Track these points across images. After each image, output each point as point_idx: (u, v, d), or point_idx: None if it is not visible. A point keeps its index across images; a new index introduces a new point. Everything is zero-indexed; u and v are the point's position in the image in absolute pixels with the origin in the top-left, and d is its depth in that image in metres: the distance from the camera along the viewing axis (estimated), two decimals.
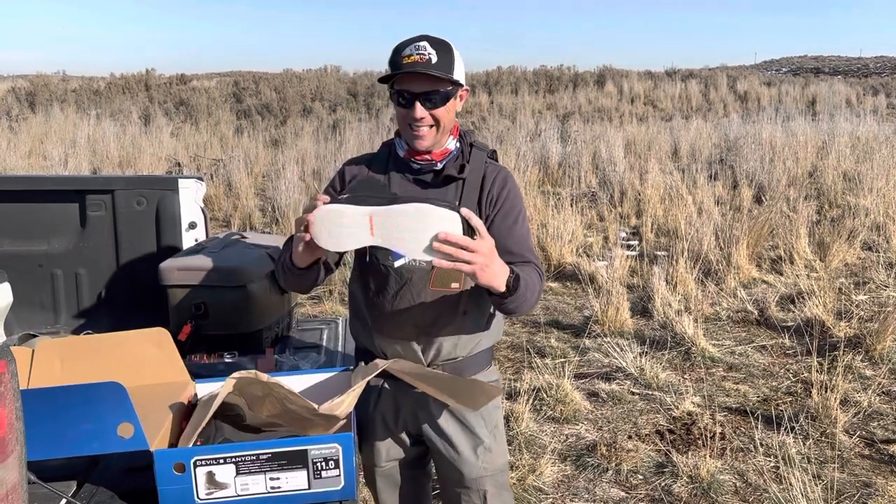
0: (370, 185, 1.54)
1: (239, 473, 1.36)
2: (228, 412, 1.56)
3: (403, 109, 1.63)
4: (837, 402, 3.44)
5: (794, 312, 4.82)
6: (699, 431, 3.29)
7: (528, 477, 2.95)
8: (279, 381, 1.44)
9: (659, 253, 6.24)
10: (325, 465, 1.38)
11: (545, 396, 3.63)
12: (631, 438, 3.31)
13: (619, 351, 4.09)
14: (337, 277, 5.35)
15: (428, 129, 1.64)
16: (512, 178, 1.75)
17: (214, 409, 1.42)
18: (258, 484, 1.37)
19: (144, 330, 1.71)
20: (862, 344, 4.21)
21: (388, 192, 1.53)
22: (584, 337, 4.52)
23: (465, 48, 1.66)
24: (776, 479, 2.91)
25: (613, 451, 3.14)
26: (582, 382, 3.90)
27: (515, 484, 2.91)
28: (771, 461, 3.08)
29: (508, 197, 1.71)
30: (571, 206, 6.79)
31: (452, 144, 1.72)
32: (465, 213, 1.38)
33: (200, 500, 1.36)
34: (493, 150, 1.79)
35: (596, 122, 15.34)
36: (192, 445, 1.40)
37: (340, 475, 1.39)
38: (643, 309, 4.99)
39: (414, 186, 1.70)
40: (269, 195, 8.47)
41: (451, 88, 1.63)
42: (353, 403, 1.49)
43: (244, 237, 2.60)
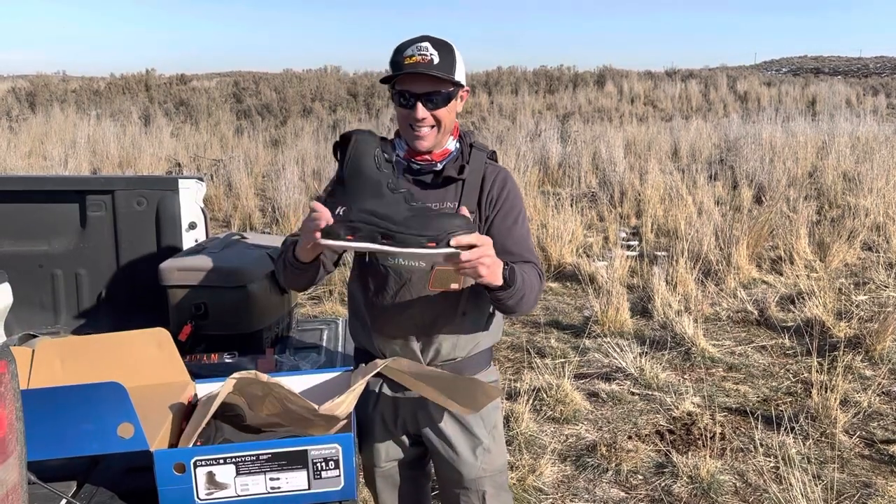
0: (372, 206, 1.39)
1: (239, 474, 1.36)
2: (228, 412, 1.56)
3: (405, 110, 1.63)
4: (837, 402, 3.44)
5: (794, 313, 4.82)
6: (699, 432, 3.29)
7: (528, 477, 2.95)
8: (279, 381, 1.45)
9: (659, 253, 6.24)
10: (325, 465, 1.38)
11: (545, 397, 3.63)
12: (631, 439, 3.31)
13: (619, 351, 4.09)
14: (337, 277, 5.35)
15: (429, 129, 1.64)
16: (512, 178, 1.75)
17: (214, 409, 1.42)
18: (258, 484, 1.37)
19: (144, 330, 1.71)
20: (862, 344, 4.21)
21: (392, 209, 1.38)
22: (584, 337, 4.52)
23: (465, 48, 1.67)
24: (776, 479, 2.91)
25: (613, 451, 3.14)
26: (582, 383, 3.90)
27: (515, 484, 2.91)
28: (771, 461, 3.08)
29: (508, 197, 1.71)
30: (571, 206, 6.79)
31: (452, 145, 1.72)
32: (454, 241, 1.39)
33: (200, 500, 1.36)
34: (492, 150, 1.79)
35: (596, 122, 15.34)
36: (192, 446, 1.40)
37: (340, 475, 1.39)
38: (643, 309, 4.99)
39: (414, 188, 1.70)
40: (269, 195, 8.48)
41: (452, 89, 1.63)
42: (353, 403, 1.49)
43: (244, 237, 2.60)
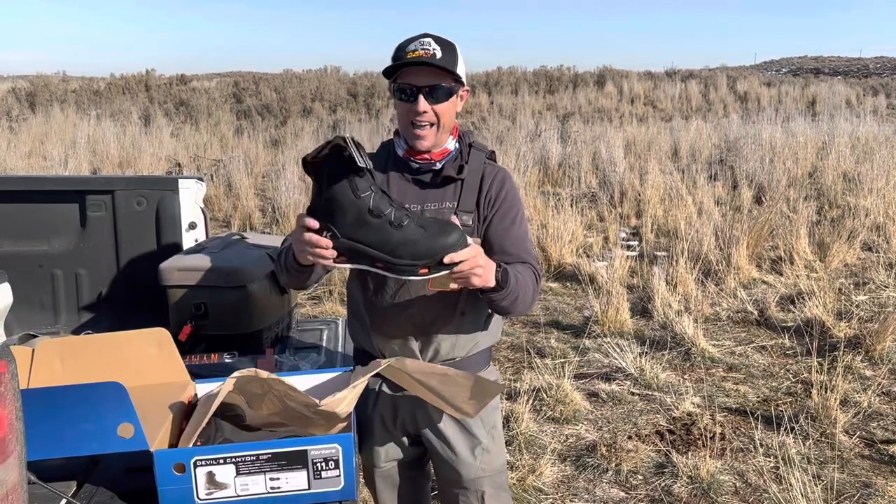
0: (367, 222, 1.39)
1: (239, 474, 1.36)
2: (228, 412, 1.56)
3: (406, 104, 1.62)
4: (837, 402, 3.44)
5: (794, 313, 4.82)
6: (699, 432, 3.29)
7: (527, 477, 2.95)
8: (279, 377, 1.45)
9: (659, 253, 6.24)
10: (324, 465, 1.38)
11: (545, 397, 3.63)
12: (631, 439, 3.31)
13: (618, 351, 4.09)
14: (337, 277, 5.35)
15: (429, 127, 1.64)
16: (511, 178, 1.75)
17: (214, 408, 1.42)
18: (258, 484, 1.37)
19: (144, 330, 1.71)
20: (862, 344, 4.21)
21: (386, 225, 1.39)
22: (584, 337, 4.52)
23: (465, 48, 1.67)
24: (776, 479, 2.91)
25: (613, 451, 3.14)
26: (582, 383, 3.90)
27: (515, 484, 2.91)
28: (771, 461, 3.08)
29: (507, 197, 1.71)
30: (571, 206, 6.80)
31: (452, 144, 1.72)
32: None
33: (200, 500, 1.36)
34: (491, 150, 1.79)
35: (596, 122, 15.35)
36: (192, 445, 1.40)
37: (340, 475, 1.39)
38: (643, 309, 4.99)
39: (412, 187, 1.70)
40: (269, 195, 8.48)
41: (453, 85, 1.63)
42: (353, 402, 1.49)
43: (244, 237, 2.60)
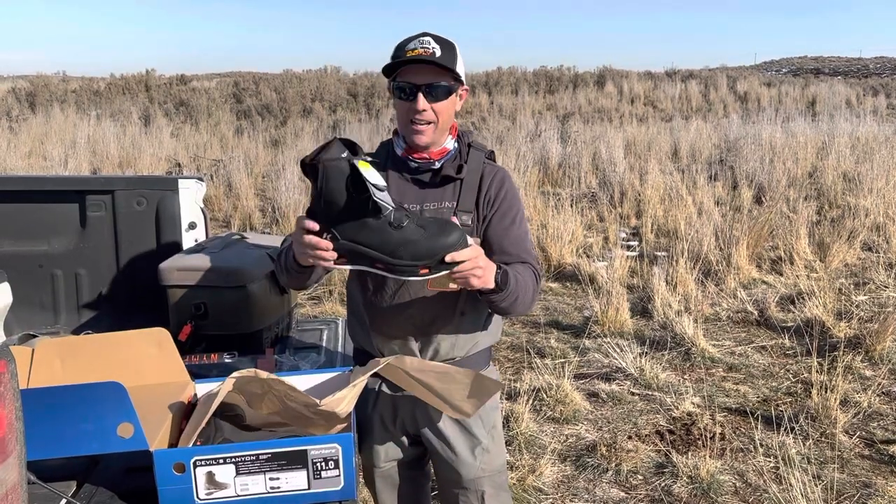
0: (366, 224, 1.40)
1: (239, 473, 1.36)
2: (228, 412, 1.56)
3: (406, 103, 1.62)
4: (837, 402, 3.44)
5: (794, 313, 4.82)
6: (699, 432, 3.29)
7: (527, 477, 2.95)
8: (279, 377, 1.45)
9: (659, 253, 6.24)
10: (324, 465, 1.38)
11: (545, 397, 3.63)
12: (631, 439, 3.31)
13: (618, 351, 4.09)
14: (337, 277, 5.35)
15: (428, 125, 1.64)
16: (510, 178, 1.75)
17: (214, 408, 1.42)
18: (258, 484, 1.37)
19: (144, 330, 1.71)
20: (862, 344, 4.21)
21: (386, 227, 1.39)
22: (583, 337, 4.52)
23: (465, 48, 1.67)
24: (776, 479, 2.91)
25: (613, 451, 3.14)
26: (582, 383, 3.90)
27: (515, 484, 2.91)
28: (771, 461, 3.08)
29: (506, 197, 1.70)
30: (571, 206, 6.79)
31: (451, 144, 1.72)
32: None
33: (200, 500, 1.36)
34: (491, 150, 1.79)
35: (596, 122, 15.34)
36: (191, 445, 1.40)
37: (340, 475, 1.39)
38: (643, 309, 4.99)
39: (411, 186, 1.70)
40: (269, 195, 8.48)
41: (453, 83, 1.63)
42: (353, 401, 1.49)
43: (244, 237, 2.60)
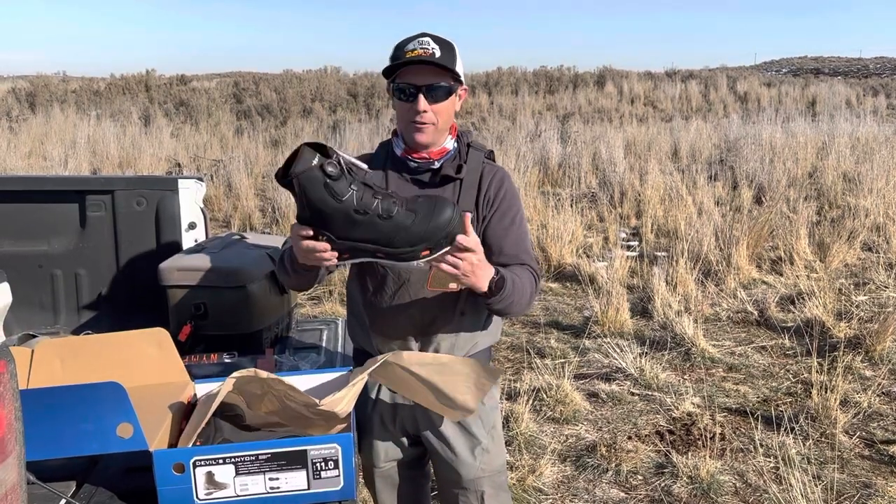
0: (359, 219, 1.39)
1: (238, 474, 1.36)
2: (228, 412, 1.56)
3: (406, 104, 1.62)
4: (837, 402, 3.44)
5: (794, 313, 4.82)
6: (699, 432, 3.29)
7: (527, 477, 2.95)
8: (279, 377, 1.45)
9: (659, 253, 6.24)
10: (324, 465, 1.38)
11: (545, 397, 3.63)
12: (631, 439, 3.31)
13: (618, 351, 4.08)
14: (336, 278, 5.35)
15: (428, 125, 1.64)
16: (509, 178, 1.75)
17: (214, 408, 1.42)
18: (257, 484, 1.37)
19: (144, 330, 1.71)
20: (862, 344, 4.21)
21: (380, 219, 1.39)
22: (583, 337, 4.52)
23: (465, 48, 1.67)
24: (776, 479, 2.91)
25: (613, 451, 3.14)
26: (582, 383, 3.90)
27: (515, 484, 2.90)
28: (771, 462, 3.08)
29: (505, 197, 1.71)
30: (571, 206, 6.80)
31: (450, 144, 1.72)
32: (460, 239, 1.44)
33: (200, 500, 1.36)
34: (490, 150, 1.79)
35: (596, 122, 15.34)
36: (191, 446, 1.40)
37: (340, 475, 1.39)
38: (643, 309, 4.99)
39: (411, 186, 1.70)
40: (269, 196, 8.48)
41: (453, 84, 1.63)
42: (353, 401, 1.49)
43: (244, 238, 2.60)
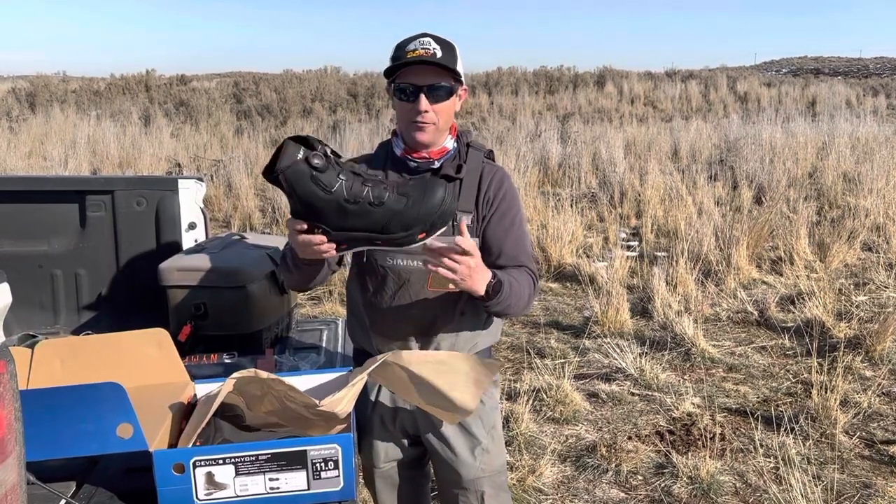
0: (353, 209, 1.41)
1: (238, 474, 1.36)
2: (228, 412, 1.56)
3: (407, 104, 1.62)
4: (837, 402, 3.44)
5: (794, 313, 4.82)
6: (699, 432, 3.29)
7: (527, 478, 2.95)
8: (279, 377, 1.45)
9: (659, 254, 6.24)
10: (324, 465, 1.38)
11: (545, 397, 3.63)
12: (631, 439, 3.31)
13: (618, 352, 4.08)
14: (336, 278, 5.34)
15: (429, 125, 1.64)
16: (509, 178, 1.75)
17: (214, 409, 1.42)
18: (257, 484, 1.37)
19: (144, 330, 1.71)
20: (862, 345, 4.21)
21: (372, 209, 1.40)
22: (583, 337, 4.52)
23: (464, 48, 1.67)
24: (776, 479, 2.91)
25: (613, 451, 3.14)
26: (582, 383, 3.90)
27: (515, 485, 2.90)
28: (771, 462, 3.08)
29: (505, 198, 1.71)
30: (571, 206, 6.79)
31: (450, 144, 1.72)
32: (458, 240, 1.45)
33: (200, 500, 1.36)
34: (489, 150, 1.79)
35: (596, 122, 15.35)
36: (191, 446, 1.40)
37: (340, 476, 1.39)
38: (643, 310, 4.98)
39: None
40: (269, 196, 8.47)
41: (454, 84, 1.63)
42: (352, 401, 1.49)
43: (244, 238, 2.60)
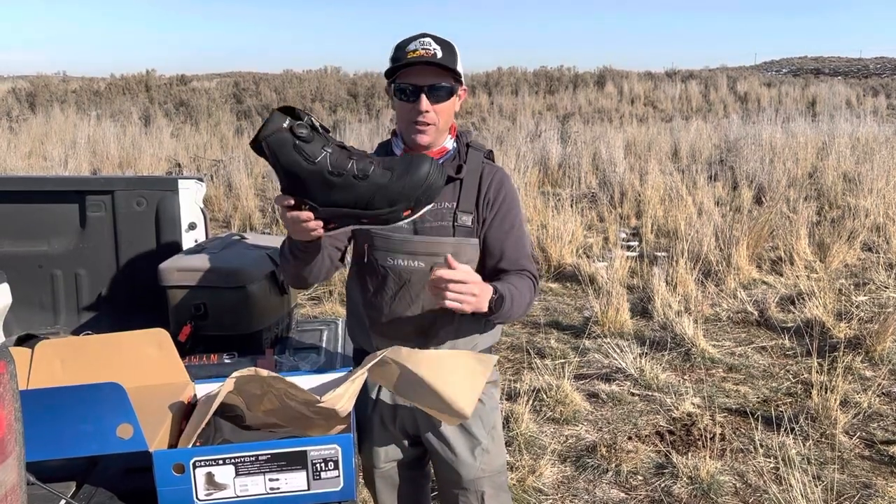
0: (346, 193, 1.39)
1: (238, 474, 1.36)
2: (228, 413, 1.56)
3: (407, 104, 1.62)
4: (837, 402, 3.44)
5: (794, 313, 4.82)
6: (699, 432, 3.29)
7: (527, 478, 2.95)
8: (279, 375, 1.45)
9: (659, 254, 6.24)
10: (324, 465, 1.38)
11: (545, 397, 3.63)
12: (631, 439, 3.31)
13: (618, 352, 4.08)
14: (337, 278, 5.34)
15: (430, 126, 1.64)
16: (509, 179, 1.75)
17: (214, 409, 1.43)
18: (257, 485, 1.37)
19: (144, 331, 1.71)
20: (862, 345, 4.21)
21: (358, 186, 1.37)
22: (583, 338, 4.52)
23: (464, 48, 1.67)
24: (776, 480, 2.91)
25: (613, 452, 3.14)
26: (582, 383, 3.90)
27: (515, 485, 2.90)
28: (771, 462, 3.07)
29: (506, 200, 1.71)
30: (571, 206, 6.79)
31: (450, 144, 1.72)
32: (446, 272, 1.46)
33: (200, 500, 1.36)
34: (489, 150, 1.79)
35: (596, 122, 15.35)
36: (191, 446, 1.40)
37: (340, 476, 1.39)
38: (643, 310, 4.98)
39: None
40: (269, 195, 8.48)
41: (454, 84, 1.63)
42: (353, 398, 1.48)
43: (244, 238, 2.60)
